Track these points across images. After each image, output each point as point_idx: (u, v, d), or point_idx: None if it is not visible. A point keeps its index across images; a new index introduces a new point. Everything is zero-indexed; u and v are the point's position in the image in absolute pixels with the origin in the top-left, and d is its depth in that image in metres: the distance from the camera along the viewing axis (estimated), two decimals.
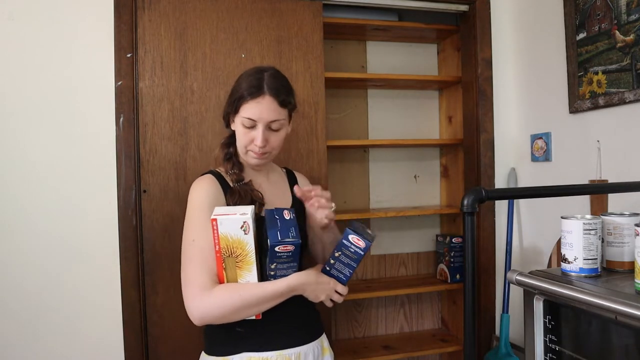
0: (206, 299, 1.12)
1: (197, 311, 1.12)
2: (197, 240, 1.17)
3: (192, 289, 1.13)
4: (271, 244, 1.13)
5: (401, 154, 2.45)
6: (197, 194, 1.22)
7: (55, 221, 1.71)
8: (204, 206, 1.19)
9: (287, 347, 1.22)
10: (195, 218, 1.19)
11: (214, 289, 1.13)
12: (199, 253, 1.16)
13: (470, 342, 1.03)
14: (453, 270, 2.26)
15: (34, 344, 1.69)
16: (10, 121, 1.68)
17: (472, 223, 1.00)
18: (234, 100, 1.26)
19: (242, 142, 1.27)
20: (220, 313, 1.13)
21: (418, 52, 2.47)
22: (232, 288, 1.14)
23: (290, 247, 1.15)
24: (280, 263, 1.17)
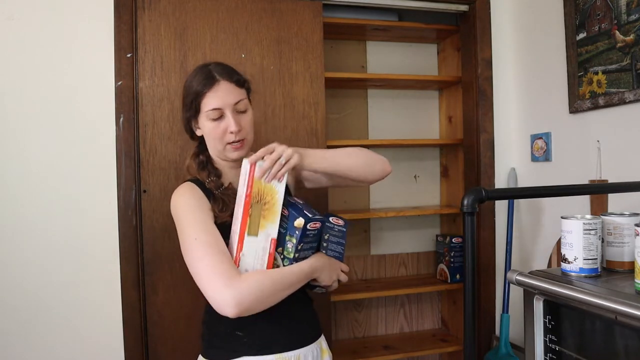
0: (239, 285, 1.05)
1: (234, 299, 1.04)
2: (200, 237, 1.12)
3: (219, 279, 1.06)
4: (305, 221, 1.15)
5: (401, 154, 2.45)
6: (182, 200, 1.20)
7: (55, 221, 1.71)
8: (193, 208, 1.17)
9: (287, 350, 1.20)
10: (189, 219, 1.16)
11: (243, 276, 1.08)
12: (207, 247, 1.10)
13: (470, 342, 1.03)
14: (453, 270, 2.26)
15: (34, 343, 1.69)
16: (10, 121, 1.68)
17: (472, 223, 1.01)
18: (191, 102, 1.21)
19: (217, 138, 1.21)
20: (257, 297, 1.07)
21: (418, 52, 2.47)
22: (259, 272, 1.13)
23: (318, 225, 1.19)
24: (306, 242, 1.19)
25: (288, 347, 1.20)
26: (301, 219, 1.15)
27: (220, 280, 1.06)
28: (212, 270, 1.08)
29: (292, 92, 1.91)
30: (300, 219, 1.15)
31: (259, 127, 1.87)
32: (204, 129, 1.23)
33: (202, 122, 1.22)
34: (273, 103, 1.89)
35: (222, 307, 1.06)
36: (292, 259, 1.18)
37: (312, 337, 1.27)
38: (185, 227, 1.15)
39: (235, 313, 1.05)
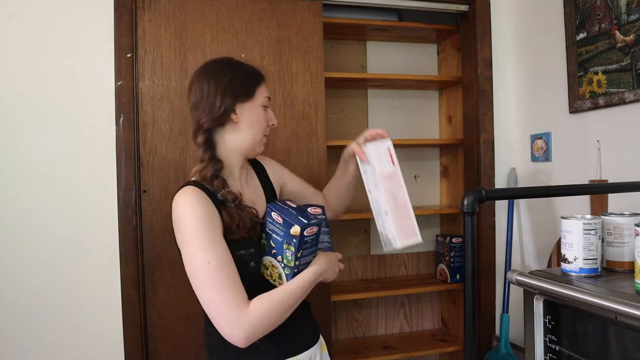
0: (248, 319, 1.05)
1: (245, 333, 1.04)
2: (213, 261, 1.06)
3: (229, 314, 1.05)
4: (301, 228, 1.10)
5: (401, 154, 2.45)
6: (191, 211, 1.11)
7: (56, 221, 1.71)
8: (204, 223, 1.09)
9: (300, 352, 1.21)
10: (200, 238, 1.08)
11: (251, 307, 1.06)
12: (219, 274, 1.06)
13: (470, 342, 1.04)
14: (453, 270, 2.26)
15: (34, 343, 1.69)
16: (11, 121, 1.68)
17: (472, 223, 1.01)
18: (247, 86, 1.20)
19: (262, 126, 1.22)
20: (266, 327, 1.08)
21: (418, 52, 2.47)
22: (267, 298, 1.09)
23: (315, 229, 1.14)
24: (305, 249, 1.14)
25: (300, 349, 1.22)
26: (297, 226, 1.10)
27: (231, 312, 1.05)
28: (224, 301, 1.05)
29: (292, 92, 1.92)
30: (296, 226, 1.10)
31: None
32: (250, 116, 1.20)
33: (252, 108, 1.20)
34: (273, 103, 1.89)
35: (232, 338, 1.06)
36: (294, 267, 1.14)
37: (317, 335, 1.29)
38: (196, 248, 1.08)
39: (243, 346, 1.06)
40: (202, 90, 1.18)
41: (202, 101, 1.17)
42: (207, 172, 1.17)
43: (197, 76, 1.21)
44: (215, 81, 1.17)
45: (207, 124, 1.18)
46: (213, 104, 1.17)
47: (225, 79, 1.18)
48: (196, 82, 1.20)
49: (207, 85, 1.17)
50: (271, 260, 1.17)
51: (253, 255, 1.16)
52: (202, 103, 1.17)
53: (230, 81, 1.18)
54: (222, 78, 1.18)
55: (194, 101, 1.19)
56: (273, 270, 1.18)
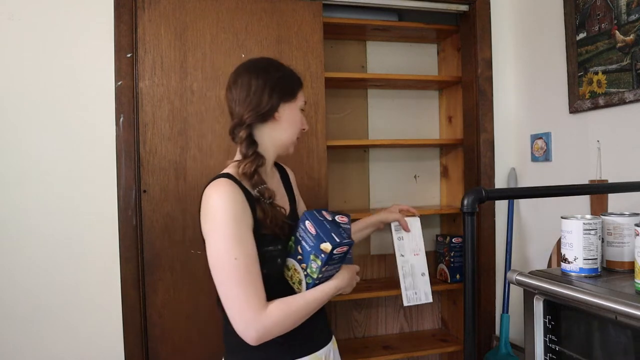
0: (264, 321, 1.08)
1: (257, 333, 1.07)
2: (240, 258, 1.08)
3: (248, 313, 1.07)
4: (332, 246, 1.11)
5: (401, 154, 2.46)
6: (225, 206, 1.11)
7: (56, 221, 1.71)
8: (236, 219, 1.10)
9: (318, 349, 1.24)
10: (230, 233, 1.09)
11: (268, 309, 1.09)
12: (244, 272, 1.08)
13: (470, 342, 1.03)
14: (453, 270, 2.26)
15: (33, 344, 1.69)
16: (10, 121, 1.68)
17: (472, 223, 1.01)
18: (292, 88, 1.25)
19: (297, 130, 1.27)
20: (281, 330, 1.11)
21: (418, 52, 2.47)
22: (285, 304, 1.12)
23: (346, 248, 1.16)
24: (331, 264, 1.16)
25: (319, 346, 1.25)
26: (328, 244, 1.12)
27: (249, 313, 1.07)
28: (245, 300, 1.07)
29: None
30: (327, 244, 1.12)
31: None
32: (290, 116, 1.24)
33: (292, 109, 1.25)
34: None
35: (244, 337, 1.08)
36: (315, 279, 1.16)
37: (330, 335, 1.33)
38: (225, 242, 1.09)
39: (256, 344, 1.09)
40: (249, 86, 1.20)
41: (248, 97, 1.20)
42: (250, 167, 1.18)
43: (243, 72, 1.23)
44: (263, 78, 1.20)
45: (250, 119, 1.20)
46: (259, 100, 1.19)
47: (274, 76, 1.22)
48: (243, 77, 1.21)
49: (255, 81, 1.20)
50: (295, 264, 1.19)
51: (280, 252, 1.18)
52: (248, 99, 1.20)
53: (278, 79, 1.22)
54: (271, 76, 1.22)
55: (238, 96, 1.21)
56: (294, 274, 1.19)
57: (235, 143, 1.25)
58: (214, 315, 1.81)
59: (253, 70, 1.22)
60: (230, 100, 1.24)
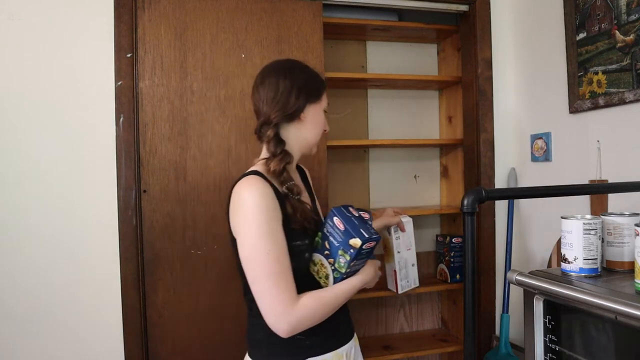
0: (296, 313, 1.11)
1: (289, 326, 1.11)
2: (272, 252, 1.11)
3: (280, 305, 1.10)
4: (362, 242, 1.15)
5: (401, 154, 2.46)
6: (257, 201, 1.13)
7: (55, 221, 1.71)
8: (268, 214, 1.13)
9: (340, 346, 1.27)
10: (263, 228, 1.12)
11: (300, 302, 1.13)
12: (277, 266, 1.11)
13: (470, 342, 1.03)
14: (453, 270, 2.26)
15: (33, 344, 1.69)
16: (10, 121, 1.68)
17: (472, 223, 1.00)
18: (318, 90, 1.28)
19: (321, 131, 1.31)
20: (310, 323, 1.15)
21: (418, 52, 2.47)
22: (316, 297, 1.16)
23: (373, 243, 1.20)
24: (359, 259, 1.20)
25: (341, 343, 1.27)
26: (358, 239, 1.15)
27: (282, 305, 1.10)
28: (277, 292, 1.10)
29: None
30: (357, 239, 1.16)
31: None
32: (314, 117, 1.28)
33: (316, 110, 1.28)
34: None
35: (276, 329, 1.12)
36: (343, 274, 1.20)
37: (352, 332, 1.36)
38: (258, 237, 1.12)
39: (286, 336, 1.13)
40: (277, 86, 1.23)
41: (275, 97, 1.23)
42: (279, 165, 1.22)
43: (271, 72, 1.27)
44: (291, 79, 1.24)
45: (277, 119, 1.23)
46: (287, 100, 1.23)
47: (300, 78, 1.26)
48: (270, 78, 1.25)
49: (283, 82, 1.23)
50: (321, 259, 1.22)
51: (307, 246, 1.22)
52: (276, 99, 1.23)
53: (305, 81, 1.26)
54: (298, 77, 1.26)
55: (266, 96, 1.24)
56: (321, 269, 1.22)
57: (260, 142, 1.29)
58: (214, 315, 1.82)
59: (281, 71, 1.26)
60: (257, 100, 1.26)
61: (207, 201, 1.81)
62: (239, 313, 1.85)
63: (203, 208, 1.81)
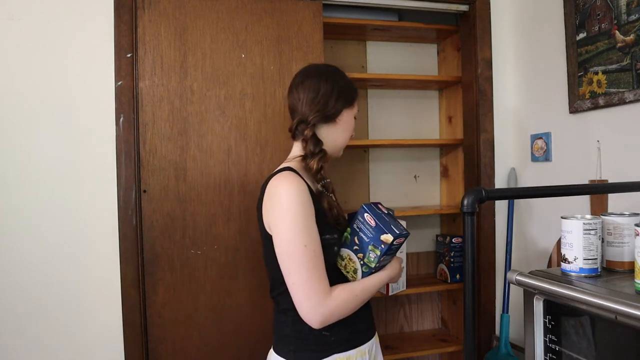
0: (330, 304, 1.16)
1: (323, 316, 1.16)
2: (309, 245, 1.15)
3: (315, 296, 1.15)
4: (393, 238, 1.20)
5: (401, 154, 2.46)
6: (296, 197, 1.17)
7: (55, 221, 1.71)
8: (305, 210, 1.17)
9: (364, 343, 1.31)
10: (301, 222, 1.16)
11: (334, 293, 1.18)
12: (313, 258, 1.16)
13: (470, 342, 1.03)
14: (453, 270, 2.26)
15: (33, 344, 1.69)
16: (10, 121, 1.68)
17: (472, 223, 1.00)
18: (353, 96, 1.35)
19: (349, 134, 1.36)
20: (341, 314, 1.19)
21: (418, 52, 2.47)
22: (348, 289, 1.21)
23: (403, 239, 1.25)
24: (388, 254, 1.25)
25: (364, 340, 1.31)
26: (389, 235, 1.20)
27: (316, 297, 1.15)
28: (312, 284, 1.15)
29: None
30: (389, 235, 1.20)
31: (259, 127, 1.87)
32: (347, 122, 1.34)
33: (349, 115, 1.34)
34: (273, 103, 1.89)
35: (309, 320, 1.17)
36: (372, 268, 1.25)
37: (374, 329, 1.40)
38: (297, 231, 1.16)
39: (319, 327, 1.18)
40: (318, 88, 1.29)
41: (315, 98, 1.29)
42: (318, 163, 1.27)
43: (311, 75, 1.32)
44: (331, 83, 1.30)
45: (314, 119, 1.28)
46: (326, 103, 1.29)
47: (340, 83, 1.32)
48: (312, 79, 1.30)
49: (324, 85, 1.29)
50: (350, 254, 1.27)
51: (337, 240, 1.26)
52: (316, 100, 1.28)
53: (344, 86, 1.33)
54: (338, 82, 1.32)
55: (305, 97, 1.29)
56: (349, 264, 1.27)
57: (294, 140, 1.36)
58: (214, 315, 1.82)
59: (322, 74, 1.32)
60: (295, 100, 1.31)
61: (207, 201, 1.81)
62: (239, 313, 1.85)
63: (203, 208, 1.81)
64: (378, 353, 1.41)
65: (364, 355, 1.30)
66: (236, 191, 1.84)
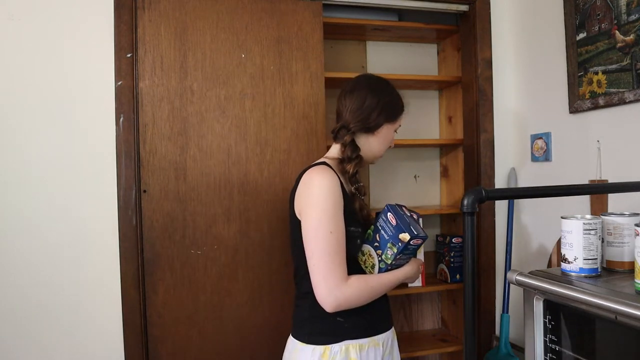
0: (345, 290, 1.24)
1: (337, 301, 1.24)
2: (335, 233, 1.25)
3: (333, 280, 1.23)
4: (410, 237, 1.27)
5: (401, 154, 2.45)
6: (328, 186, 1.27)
7: (55, 221, 1.71)
8: (336, 201, 1.27)
9: (377, 334, 1.37)
10: (329, 209, 1.26)
11: (350, 280, 1.26)
12: (336, 244, 1.24)
13: (470, 342, 1.03)
14: (453, 270, 2.26)
15: (33, 344, 1.69)
16: (10, 121, 1.68)
17: (472, 223, 1.00)
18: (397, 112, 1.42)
19: (386, 147, 1.45)
20: (355, 302, 1.27)
21: (418, 52, 2.47)
22: (363, 280, 1.29)
23: (420, 241, 1.30)
24: (406, 254, 1.32)
25: (378, 331, 1.38)
26: (407, 234, 1.27)
27: (333, 280, 1.23)
28: (332, 268, 1.23)
29: (292, 92, 1.92)
30: (406, 234, 1.27)
31: (259, 127, 1.87)
32: (386, 135, 1.42)
33: (389, 129, 1.42)
34: (273, 103, 1.89)
35: (324, 303, 1.25)
36: (388, 265, 1.32)
37: (391, 322, 1.46)
38: (324, 218, 1.25)
39: (331, 311, 1.26)
40: (364, 100, 1.39)
41: (359, 109, 1.38)
42: (354, 168, 1.38)
43: (362, 85, 1.42)
44: (377, 97, 1.39)
45: (355, 128, 1.39)
46: (369, 115, 1.38)
47: (386, 99, 1.40)
48: (361, 90, 1.40)
49: (370, 98, 1.39)
50: (370, 250, 1.35)
51: (360, 234, 1.36)
52: (360, 110, 1.38)
53: (388, 102, 1.40)
54: (384, 97, 1.40)
55: (352, 105, 1.39)
56: (368, 259, 1.35)
57: (334, 141, 1.44)
58: (214, 315, 1.82)
59: (371, 87, 1.41)
60: (342, 106, 1.42)
61: (207, 201, 1.81)
62: (239, 313, 1.85)
63: (203, 208, 1.81)
64: (395, 349, 1.47)
65: (377, 346, 1.35)
66: (236, 191, 1.84)
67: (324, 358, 1.30)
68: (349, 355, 1.30)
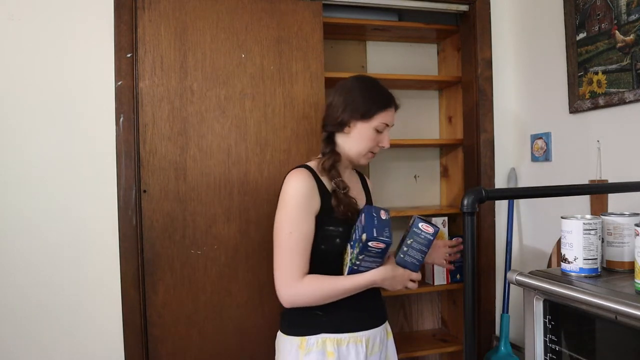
0: (297, 288, 1.29)
1: (290, 298, 1.31)
2: (294, 233, 1.30)
3: (286, 277, 1.29)
4: (367, 238, 1.25)
5: (401, 154, 2.45)
6: (296, 188, 1.33)
7: (55, 221, 1.71)
8: (301, 200, 1.32)
9: (359, 330, 1.37)
10: (293, 211, 1.31)
11: (304, 280, 1.30)
12: (294, 245, 1.30)
13: (470, 342, 1.03)
14: (453, 270, 2.26)
15: (33, 344, 1.69)
16: (10, 121, 1.68)
17: (472, 223, 1.00)
18: (368, 108, 1.40)
19: (368, 146, 1.44)
20: (310, 301, 1.31)
21: (418, 52, 2.47)
22: (318, 281, 1.31)
23: (382, 245, 1.27)
24: (368, 257, 1.29)
25: (361, 328, 1.37)
26: (365, 234, 1.26)
27: (288, 277, 1.29)
28: (287, 265, 1.30)
29: (292, 92, 1.92)
30: (365, 234, 1.26)
31: (259, 127, 1.87)
32: (361, 133, 1.42)
33: (364, 127, 1.41)
34: (273, 103, 1.89)
35: (280, 298, 1.32)
36: (353, 265, 1.31)
37: (380, 320, 1.45)
38: (287, 218, 1.32)
39: (288, 306, 1.32)
40: (333, 99, 1.45)
41: (330, 108, 1.46)
42: (327, 162, 1.41)
43: (338, 86, 1.47)
44: (344, 97, 1.42)
45: (327, 126, 1.46)
46: (335, 114, 1.43)
47: (351, 98, 1.41)
48: (336, 91, 1.46)
49: (337, 96, 1.44)
50: (348, 248, 1.37)
51: (341, 234, 1.36)
52: (330, 110, 1.45)
53: (353, 101, 1.41)
54: (349, 97, 1.42)
55: (327, 105, 1.48)
56: (345, 258, 1.37)
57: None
58: (214, 315, 1.82)
59: (342, 88, 1.45)
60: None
61: (207, 201, 1.81)
62: (239, 313, 1.85)
63: (203, 208, 1.81)
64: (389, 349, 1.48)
65: (359, 343, 1.35)
66: (236, 191, 1.84)
67: (301, 349, 1.33)
68: (326, 349, 1.32)
